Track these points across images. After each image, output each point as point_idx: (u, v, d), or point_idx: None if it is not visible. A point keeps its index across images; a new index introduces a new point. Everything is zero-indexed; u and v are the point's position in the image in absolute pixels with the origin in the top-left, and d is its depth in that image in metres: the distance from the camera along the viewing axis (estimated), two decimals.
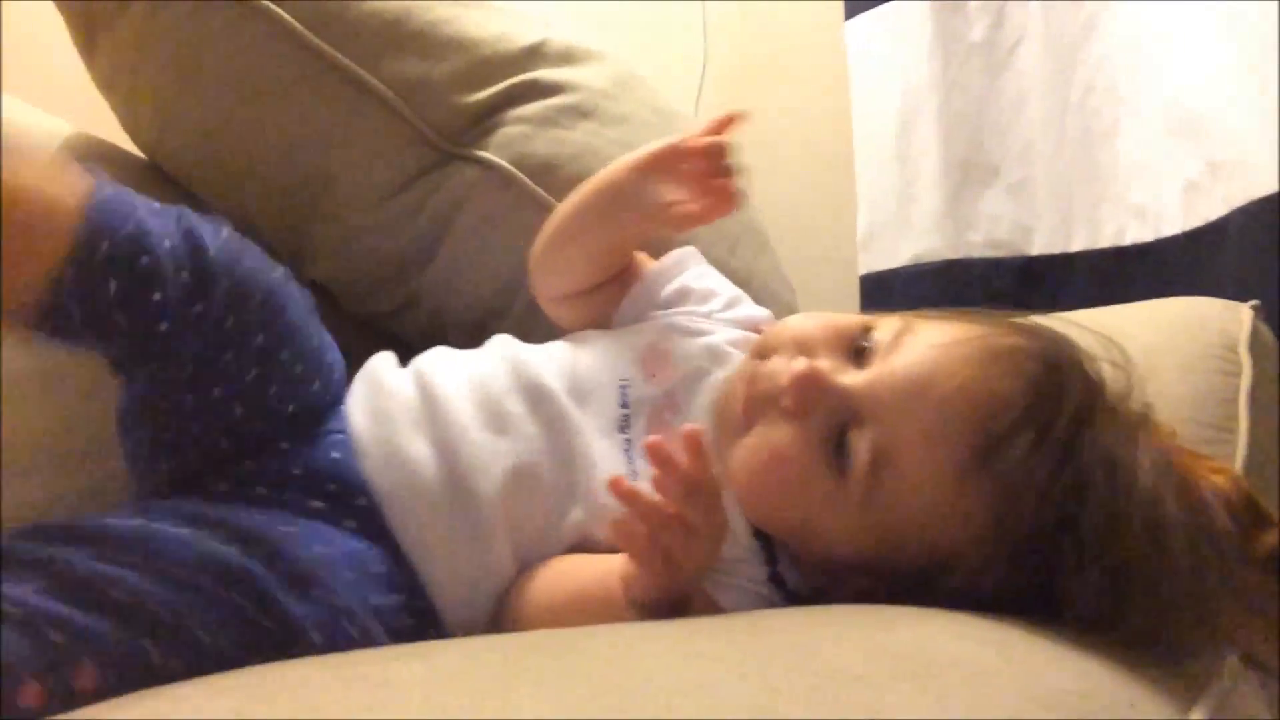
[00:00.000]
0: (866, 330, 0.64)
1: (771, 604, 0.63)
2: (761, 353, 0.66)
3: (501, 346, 0.73)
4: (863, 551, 0.61)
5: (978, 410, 0.58)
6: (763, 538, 0.65)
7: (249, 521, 0.58)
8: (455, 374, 0.69)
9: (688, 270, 0.78)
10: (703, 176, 0.70)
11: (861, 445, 0.60)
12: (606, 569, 0.60)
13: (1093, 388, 0.62)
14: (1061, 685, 0.43)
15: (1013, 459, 0.57)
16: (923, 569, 0.59)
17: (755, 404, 0.63)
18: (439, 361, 0.71)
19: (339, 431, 0.66)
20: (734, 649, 0.43)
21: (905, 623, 0.48)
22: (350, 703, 0.36)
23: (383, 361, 0.72)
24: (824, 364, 0.62)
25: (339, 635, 0.57)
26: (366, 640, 0.58)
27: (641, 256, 0.80)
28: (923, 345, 0.62)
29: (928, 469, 0.59)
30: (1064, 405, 0.59)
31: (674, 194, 0.70)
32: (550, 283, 0.79)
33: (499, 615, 0.64)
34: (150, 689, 0.42)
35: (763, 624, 0.51)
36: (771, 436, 0.62)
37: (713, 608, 0.62)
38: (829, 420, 0.61)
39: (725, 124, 0.71)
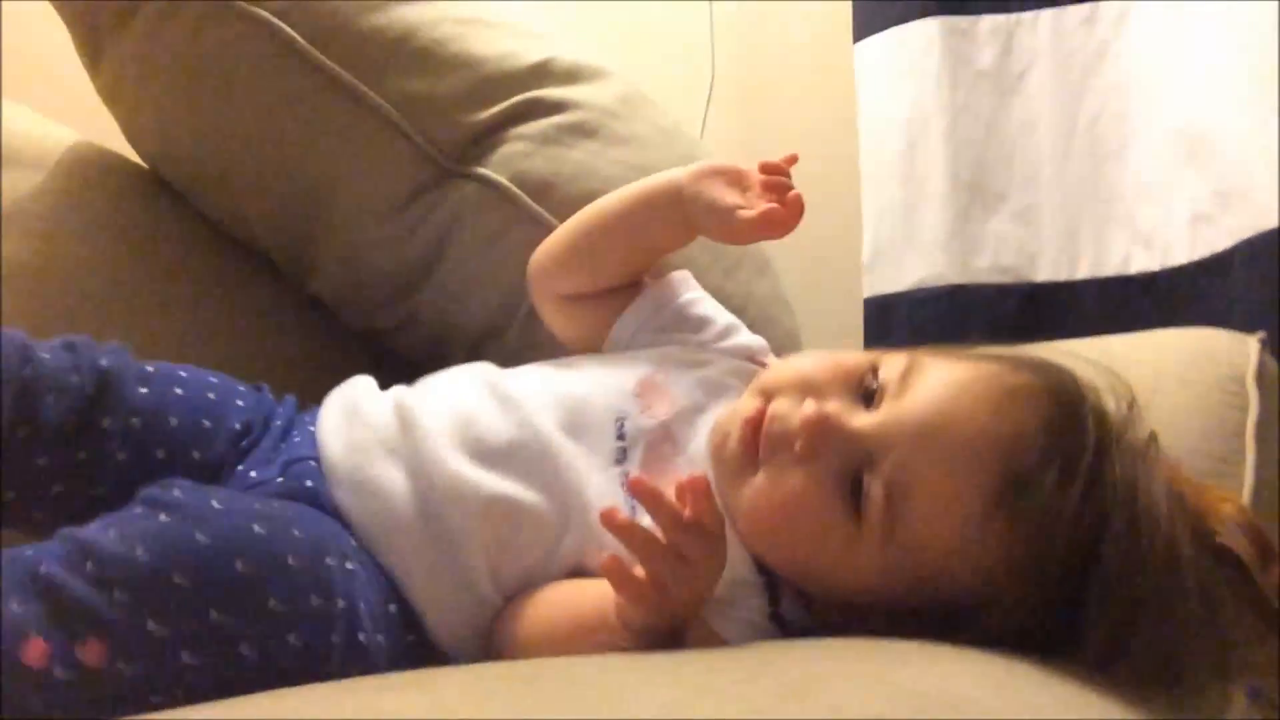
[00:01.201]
0: (873, 369, 0.63)
1: (773, 639, 0.63)
2: (765, 392, 0.65)
3: (486, 375, 0.72)
4: (881, 593, 0.61)
5: (997, 450, 0.58)
6: (766, 573, 0.64)
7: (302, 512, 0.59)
8: (437, 404, 0.68)
9: (681, 296, 0.78)
10: (768, 187, 0.70)
11: (876, 488, 0.59)
12: (603, 594, 0.59)
13: (1104, 420, 0.61)
14: None
15: (1039, 497, 0.57)
16: (943, 609, 0.59)
17: (765, 446, 0.62)
18: (420, 390, 0.70)
19: (311, 458, 0.66)
20: (743, 687, 0.42)
21: (917, 661, 0.48)
22: None
23: (360, 387, 0.72)
24: (833, 406, 0.62)
25: (354, 646, 0.57)
26: (374, 654, 0.58)
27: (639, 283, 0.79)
28: (935, 385, 0.61)
29: (949, 510, 0.58)
30: (1084, 440, 0.59)
31: (736, 199, 0.70)
32: (563, 281, 0.78)
33: (493, 640, 0.64)
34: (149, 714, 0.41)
35: (771, 661, 0.50)
36: (784, 480, 0.61)
37: (714, 640, 0.61)
38: (841, 463, 0.60)
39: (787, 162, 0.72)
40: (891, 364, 0.64)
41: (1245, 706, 0.58)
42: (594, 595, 0.61)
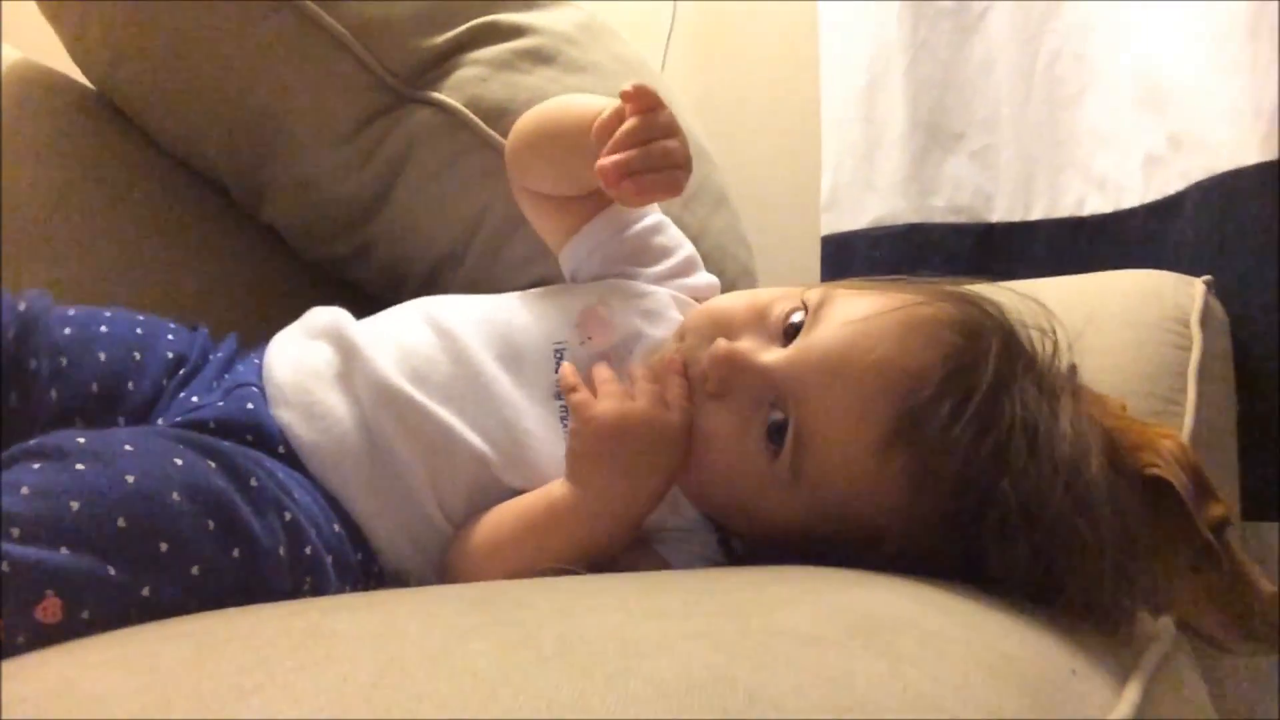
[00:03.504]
0: (803, 305, 0.63)
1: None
2: (682, 335, 0.66)
3: (427, 308, 0.71)
4: (797, 527, 0.61)
5: (895, 384, 0.57)
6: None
7: (215, 444, 0.57)
8: (380, 336, 0.68)
9: (645, 218, 0.76)
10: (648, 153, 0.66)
11: (790, 423, 0.59)
12: (547, 491, 0.61)
13: (1015, 354, 0.60)
14: (1008, 651, 0.43)
15: (932, 431, 0.56)
16: (855, 542, 0.58)
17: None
18: (365, 324, 0.70)
19: (251, 384, 0.65)
20: (689, 608, 0.43)
21: (859, 586, 0.49)
22: (304, 655, 0.35)
23: (316, 318, 0.71)
24: (745, 344, 0.62)
25: (300, 560, 0.57)
26: (321, 570, 0.58)
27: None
28: (839, 320, 0.60)
29: (849, 445, 0.58)
30: (982, 374, 0.57)
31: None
32: (524, 176, 0.77)
33: (446, 571, 0.64)
34: (99, 635, 0.41)
35: (717, 584, 0.51)
36: (702, 420, 0.61)
37: (665, 569, 0.62)
38: (755, 400, 0.60)
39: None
40: (810, 299, 0.63)
41: (1176, 637, 0.60)
42: (538, 494, 0.62)
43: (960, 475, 0.56)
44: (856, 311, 0.60)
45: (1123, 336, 0.91)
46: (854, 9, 1.33)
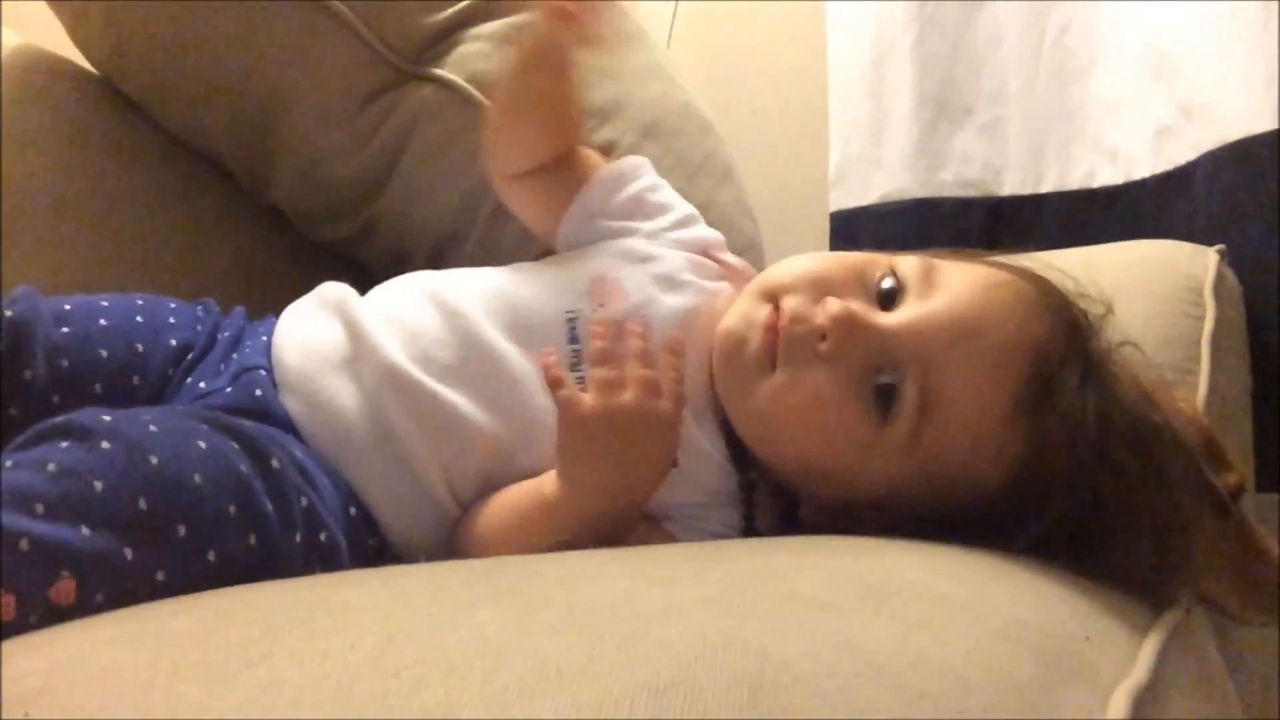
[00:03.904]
0: (891, 270, 0.63)
1: None
2: (770, 293, 0.64)
3: (429, 284, 0.70)
4: (890, 491, 0.61)
5: (1028, 351, 0.59)
6: (746, 488, 0.65)
7: (238, 425, 0.56)
8: (385, 317, 0.67)
9: (641, 179, 0.76)
10: None
11: (909, 390, 0.60)
12: (538, 483, 0.60)
13: (1093, 326, 0.63)
14: (1020, 616, 0.43)
15: (1062, 395, 0.58)
16: (947, 506, 0.60)
17: (785, 346, 0.61)
18: (369, 302, 0.69)
19: (260, 367, 0.65)
20: (698, 575, 0.43)
21: (869, 552, 0.48)
22: (312, 625, 0.35)
23: (324, 294, 0.70)
24: (858, 305, 0.61)
25: (316, 546, 0.57)
26: (337, 555, 0.58)
27: (595, 158, 0.77)
28: (961, 287, 0.62)
29: (981, 409, 0.59)
30: (1096, 343, 0.61)
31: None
32: (503, 159, 0.76)
33: (453, 548, 0.64)
34: (110, 612, 0.41)
35: (724, 553, 0.51)
36: (805, 380, 0.61)
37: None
38: (864, 363, 0.60)
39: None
40: (908, 266, 0.63)
41: (1192, 604, 0.60)
42: (532, 485, 0.61)
43: (1080, 436, 0.58)
44: (974, 281, 0.62)
45: (1135, 307, 0.90)
46: None
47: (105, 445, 0.50)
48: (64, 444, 0.50)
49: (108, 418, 0.51)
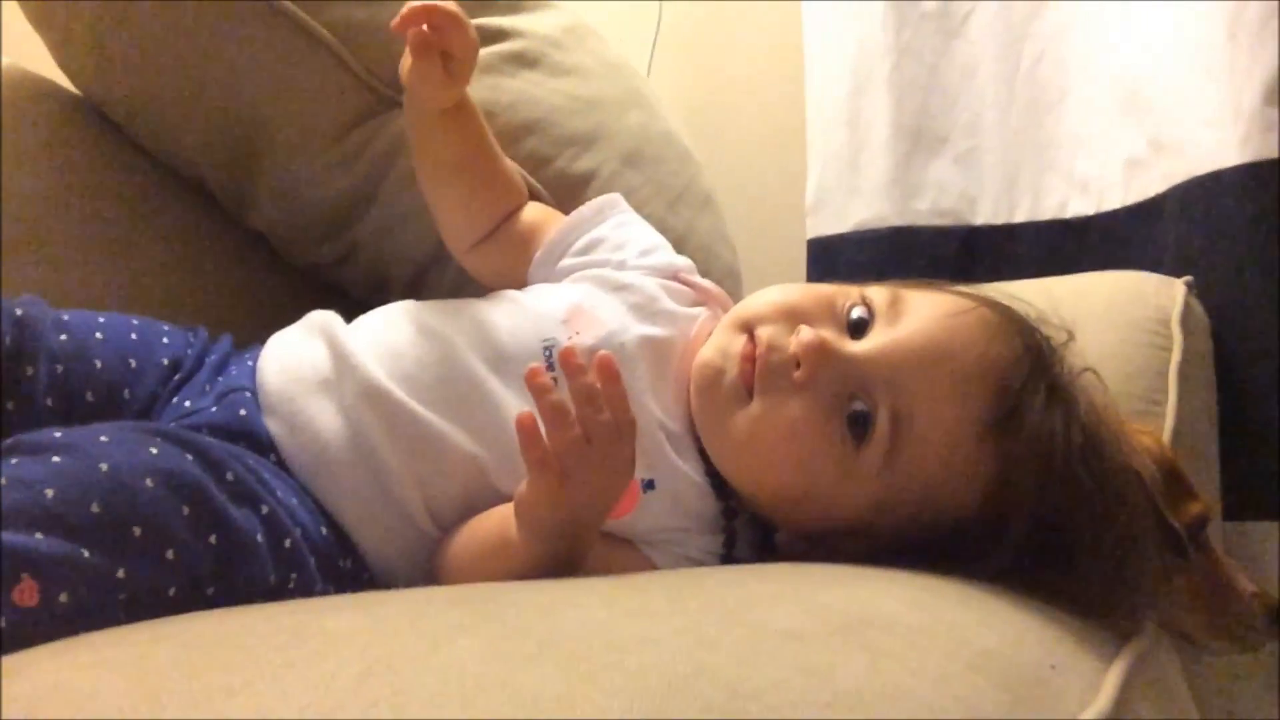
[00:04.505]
0: (862, 299, 0.65)
1: None
2: (745, 324, 0.66)
3: (413, 311, 0.71)
4: (864, 517, 0.63)
5: (995, 374, 0.61)
6: (728, 515, 0.66)
7: (192, 437, 0.57)
8: (369, 341, 0.68)
9: (607, 220, 0.77)
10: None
11: (882, 415, 0.61)
12: (505, 514, 0.60)
13: (1055, 351, 0.65)
14: (988, 646, 0.44)
15: (1029, 417, 0.60)
16: (922, 530, 0.62)
17: (763, 375, 0.63)
18: (354, 327, 0.70)
19: (244, 389, 0.66)
20: (672, 605, 0.44)
21: (841, 581, 0.49)
22: (292, 653, 0.36)
23: (311, 321, 0.71)
24: (829, 334, 0.63)
25: (281, 552, 0.57)
26: (304, 566, 0.58)
27: (547, 210, 0.80)
28: (927, 314, 0.63)
29: (951, 431, 0.61)
30: (1056, 366, 0.63)
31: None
32: (452, 234, 0.79)
33: (432, 573, 0.64)
34: (86, 634, 0.42)
35: (699, 583, 0.52)
36: (781, 409, 0.62)
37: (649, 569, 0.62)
38: (837, 390, 0.62)
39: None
40: (877, 295, 0.65)
41: (1156, 632, 0.61)
42: (497, 516, 0.61)
43: (1047, 457, 0.60)
44: (938, 308, 0.64)
45: (1104, 337, 0.92)
46: (838, 12, 1.33)
47: (56, 459, 0.51)
48: (14, 460, 0.51)
49: (59, 434, 0.53)
